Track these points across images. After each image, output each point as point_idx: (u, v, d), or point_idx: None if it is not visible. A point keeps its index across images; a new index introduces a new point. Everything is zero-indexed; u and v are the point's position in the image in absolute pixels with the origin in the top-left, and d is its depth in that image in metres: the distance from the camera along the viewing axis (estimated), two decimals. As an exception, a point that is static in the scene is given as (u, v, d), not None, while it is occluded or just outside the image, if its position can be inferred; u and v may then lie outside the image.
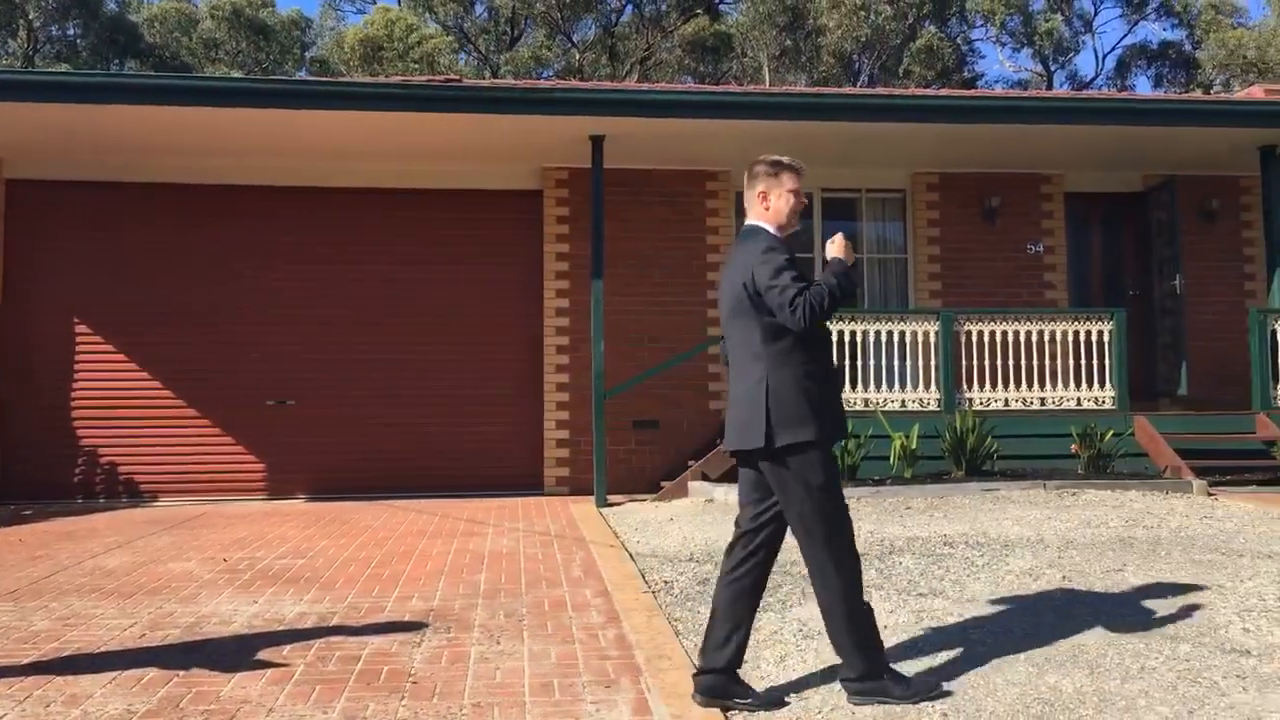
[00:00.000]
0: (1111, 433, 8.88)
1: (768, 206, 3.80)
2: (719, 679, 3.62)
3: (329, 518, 8.43)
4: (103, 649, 4.34)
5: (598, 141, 9.46)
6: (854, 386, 9.41)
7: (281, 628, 4.67)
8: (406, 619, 4.81)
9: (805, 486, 3.59)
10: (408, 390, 10.35)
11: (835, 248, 3.76)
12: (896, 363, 9.46)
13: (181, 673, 3.98)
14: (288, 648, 4.32)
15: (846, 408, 9.27)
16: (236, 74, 28.19)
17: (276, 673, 3.98)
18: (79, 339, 10.14)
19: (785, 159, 3.85)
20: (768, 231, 3.78)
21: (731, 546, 3.79)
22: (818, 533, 3.61)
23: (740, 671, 3.69)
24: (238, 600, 5.23)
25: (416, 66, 27.60)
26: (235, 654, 4.24)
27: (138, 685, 3.83)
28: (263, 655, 4.21)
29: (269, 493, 10.12)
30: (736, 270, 3.75)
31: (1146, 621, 4.35)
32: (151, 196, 10.26)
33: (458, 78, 14.63)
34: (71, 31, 30.98)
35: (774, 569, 5.59)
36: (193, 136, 9.52)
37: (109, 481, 10.02)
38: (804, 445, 3.57)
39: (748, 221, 3.87)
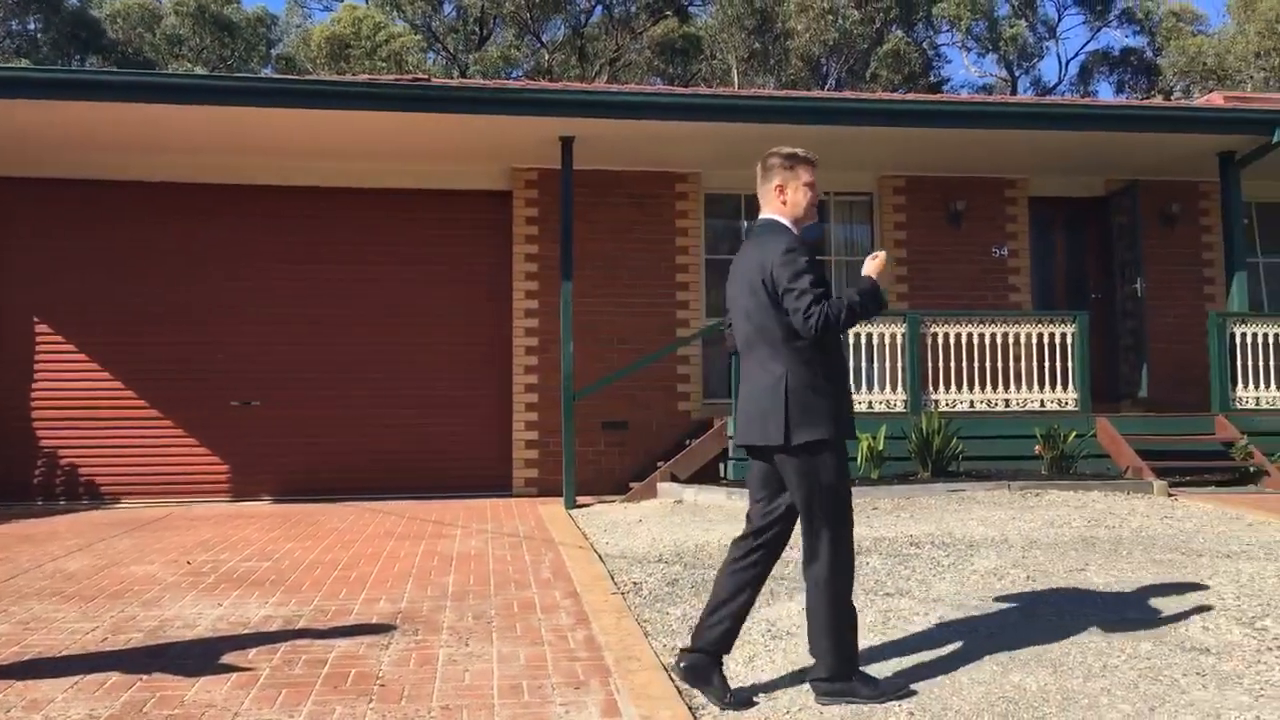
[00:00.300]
0: (1074, 434, 9.00)
1: (785, 200, 3.81)
2: (702, 659, 3.68)
3: (295, 520, 8.35)
4: (64, 653, 4.27)
5: (567, 142, 9.45)
6: (822, 388, 9.44)
7: (246, 631, 4.62)
8: (374, 621, 4.78)
9: (817, 483, 3.64)
10: (374, 391, 10.28)
11: (872, 265, 3.80)
12: (864, 364, 9.53)
13: (144, 677, 3.93)
14: (253, 651, 4.28)
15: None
16: (200, 71, 27.86)
17: (242, 676, 3.94)
18: (39, 338, 9.98)
19: (801, 151, 3.85)
20: (785, 227, 3.78)
21: (740, 539, 3.83)
22: (822, 529, 3.66)
23: (728, 664, 3.71)
24: (202, 603, 5.17)
25: (384, 65, 27.43)
26: (199, 658, 4.19)
27: (100, 690, 3.78)
28: (227, 659, 4.16)
29: (234, 494, 10.02)
30: (753, 265, 3.74)
31: (1108, 620, 4.42)
32: (114, 195, 10.13)
33: (426, 77, 14.56)
34: (32, 27, 30.49)
35: (742, 570, 5.61)
36: (155, 134, 9.40)
37: (69, 483, 9.87)
38: (820, 444, 3.62)
39: (762, 215, 3.88)
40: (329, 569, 6.08)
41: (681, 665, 3.71)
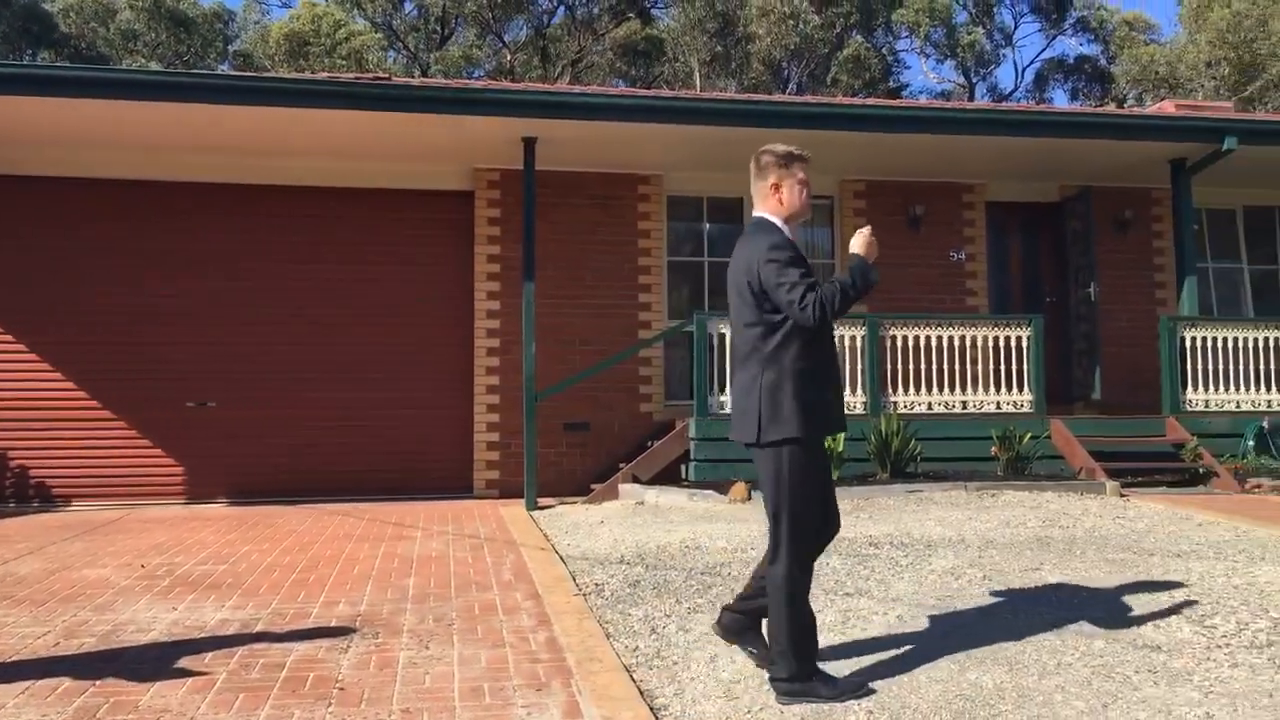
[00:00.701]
0: (1029, 435, 9.13)
1: (781, 199, 3.85)
2: (743, 621, 3.92)
3: (252, 522, 8.26)
4: (14, 658, 4.19)
5: (530, 143, 9.43)
6: (782, 390, 9.50)
7: (203, 635, 4.56)
8: (333, 624, 4.74)
9: (781, 480, 3.69)
10: (333, 392, 10.18)
11: (859, 242, 3.79)
12: (824, 366, 9.58)
13: (98, 682, 3.87)
14: (209, 655, 4.22)
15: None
16: (156, 67, 27.42)
17: (198, 681, 3.89)
18: (-12, 338, 9.79)
19: (795, 149, 3.88)
20: (775, 225, 3.82)
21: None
22: (782, 527, 3.71)
23: (677, 667, 3.72)
24: (156, 607, 5.09)
25: (344, 63, 27.17)
26: (154, 662, 4.13)
27: (52, 695, 3.71)
28: (183, 663, 4.11)
29: (189, 497, 9.88)
30: (740, 266, 3.80)
31: (1063, 619, 4.49)
32: (66, 192, 9.94)
33: (387, 76, 14.44)
34: (-19, 19, 29.84)
35: (707, 571, 5.65)
36: (108, 131, 9.25)
37: (19, 485, 9.68)
38: (786, 442, 3.66)
39: (755, 214, 3.91)
40: (287, 571, 6.01)
41: (719, 624, 3.94)
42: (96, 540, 7.34)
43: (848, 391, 9.59)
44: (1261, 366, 10.17)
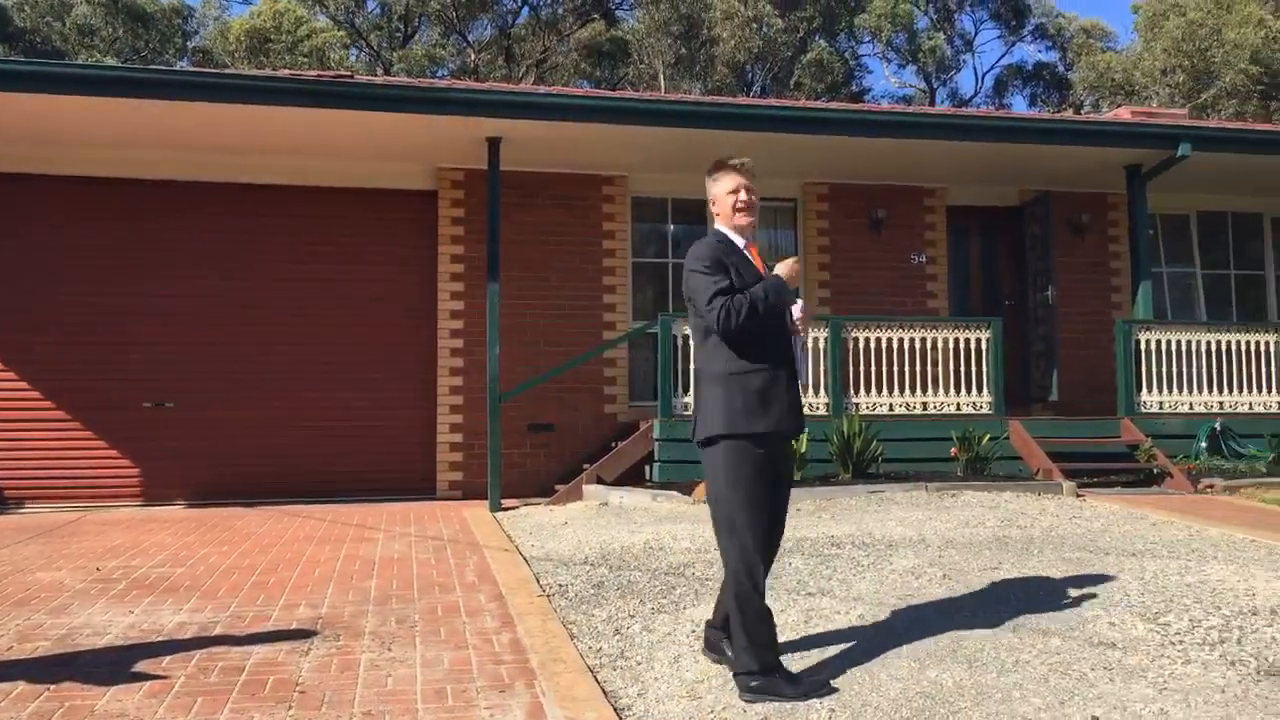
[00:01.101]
0: (988, 436, 9.25)
1: (717, 210, 4.04)
2: (714, 634, 4.02)
3: (210, 524, 8.15)
4: (-35, 664, 4.11)
5: (494, 143, 9.40)
6: (746, 391, 9.56)
7: (160, 638, 4.50)
8: (294, 627, 4.69)
9: (714, 478, 3.80)
10: (295, 392, 10.09)
11: (783, 267, 3.91)
12: (787, 368, 9.64)
13: (53, 686, 3.80)
14: (167, 659, 4.17)
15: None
16: (112, 62, 27.00)
17: (155, 684, 3.84)
18: (-62, 337, 9.58)
19: (725, 159, 4.05)
20: (718, 232, 4.00)
21: None
22: (720, 525, 3.79)
23: (640, 668, 3.72)
24: (112, 610, 5.02)
25: (306, 61, 26.92)
26: (111, 666, 4.07)
27: (6, 700, 3.65)
28: (140, 667, 4.05)
29: (146, 498, 9.73)
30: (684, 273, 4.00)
31: (1021, 617, 4.55)
32: (18, 189, 9.75)
33: (350, 74, 14.32)
34: (-69, 11, 29.21)
35: (671, 572, 5.66)
36: (64, 127, 9.09)
37: (-30, 487, 9.49)
38: (717, 439, 3.75)
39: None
40: (246, 574, 5.95)
41: (706, 639, 4.07)
42: (51, 543, 7.21)
43: (810, 393, 9.66)
44: (1214, 369, 10.38)
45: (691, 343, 4.09)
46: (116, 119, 8.90)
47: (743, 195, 3.97)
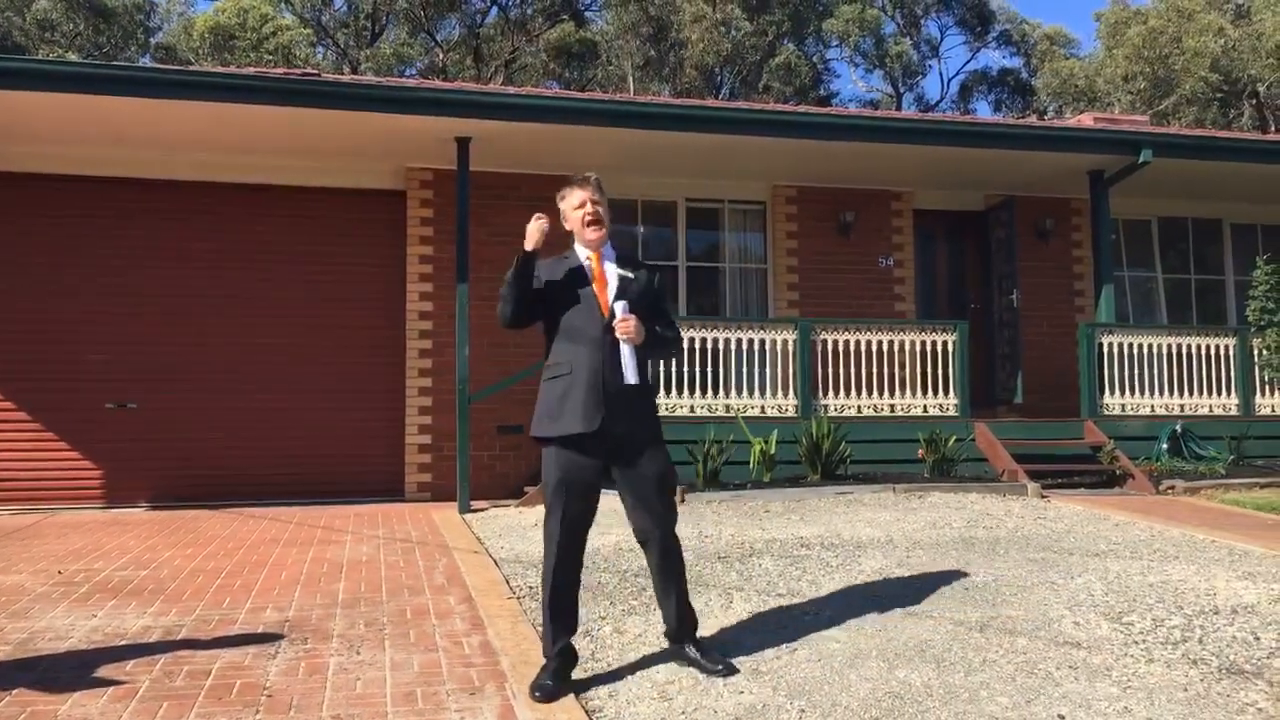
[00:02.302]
0: (954, 438, 9.33)
1: (570, 227, 4.25)
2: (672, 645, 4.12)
3: (174, 526, 8.05)
4: (-78, 670, 4.03)
5: (463, 143, 9.37)
6: (716, 393, 9.60)
7: (124, 642, 4.44)
8: (260, 631, 4.64)
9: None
10: (260, 394, 9.97)
11: (531, 227, 4.11)
12: (757, 370, 9.70)
13: (13, 691, 3.74)
14: (131, 663, 4.11)
15: (709, 413, 9.48)
16: (73, 58, 26.59)
17: (119, 690, 3.78)
18: (-108, 336, 9.39)
19: (571, 177, 4.25)
20: (572, 249, 4.22)
21: None
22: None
23: (611, 669, 3.73)
24: (74, 614, 4.94)
25: (271, 58, 26.67)
26: (73, 671, 4.01)
27: (-37, 707, 3.58)
28: (103, 672, 3.99)
29: (108, 500, 9.59)
30: None
31: (987, 617, 4.60)
32: (-21, 184, 9.59)
33: (316, 72, 14.21)
34: (-113, 4, 28.63)
35: (641, 573, 5.66)
36: (23, 124, 8.94)
37: (-75, 490, 9.30)
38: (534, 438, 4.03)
39: None
40: (212, 577, 5.88)
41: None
42: (10, 546, 7.08)
43: (780, 394, 9.70)
44: (1174, 372, 10.54)
45: None
46: (76, 116, 8.76)
47: (589, 209, 4.11)
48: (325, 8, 31.11)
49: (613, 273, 4.09)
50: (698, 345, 9.54)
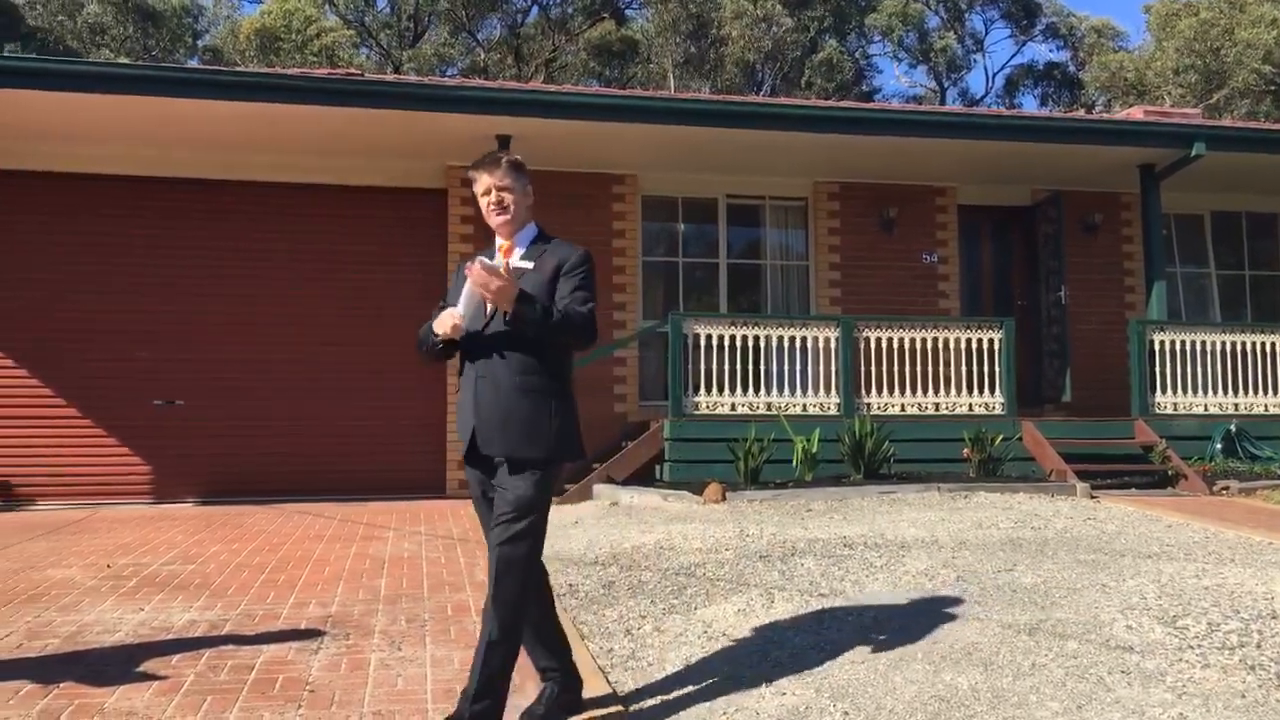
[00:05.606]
0: (1001, 437, 9.19)
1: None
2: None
3: (220, 522, 8.14)
4: (-26, 661, 4.10)
5: (504, 141, 9.38)
6: (757, 391, 9.53)
7: (170, 636, 4.48)
8: (303, 626, 4.67)
9: None
10: (304, 391, 10.07)
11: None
12: (798, 368, 9.62)
13: (62, 684, 3.79)
14: (176, 657, 4.15)
15: (750, 411, 9.42)
16: (123, 60, 27.06)
17: (164, 683, 3.82)
18: (-51, 334, 9.60)
19: (481, 158, 3.61)
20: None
21: None
22: None
23: (652, 669, 3.66)
24: (122, 608, 5.00)
25: (316, 60, 26.95)
26: (120, 664, 4.05)
27: (15, 698, 3.63)
28: (149, 665, 4.03)
29: (156, 496, 9.73)
30: None
31: (1036, 620, 4.51)
32: (32, 189, 9.77)
33: (359, 72, 14.32)
34: (-56, 11, 29.32)
35: (682, 572, 5.63)
36: (77, 125, 9.10)
37: (-19, 484, 9.50)
38: None
39: None
40: (256, 572, 5.93)
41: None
42: (61, 540, 7.21)
43: (822, 392, 9.62)
44: (1228, 370, 10.30)
45: None
46: (125, 115, 8.90)
47: (493, 196, 3.53)
48: (368, 9, 31.40)
49: (514, 264, 3.53)
50: (738, 343, 9.47)
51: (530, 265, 3.52)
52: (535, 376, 3.44)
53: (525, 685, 3.83)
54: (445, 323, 3.51)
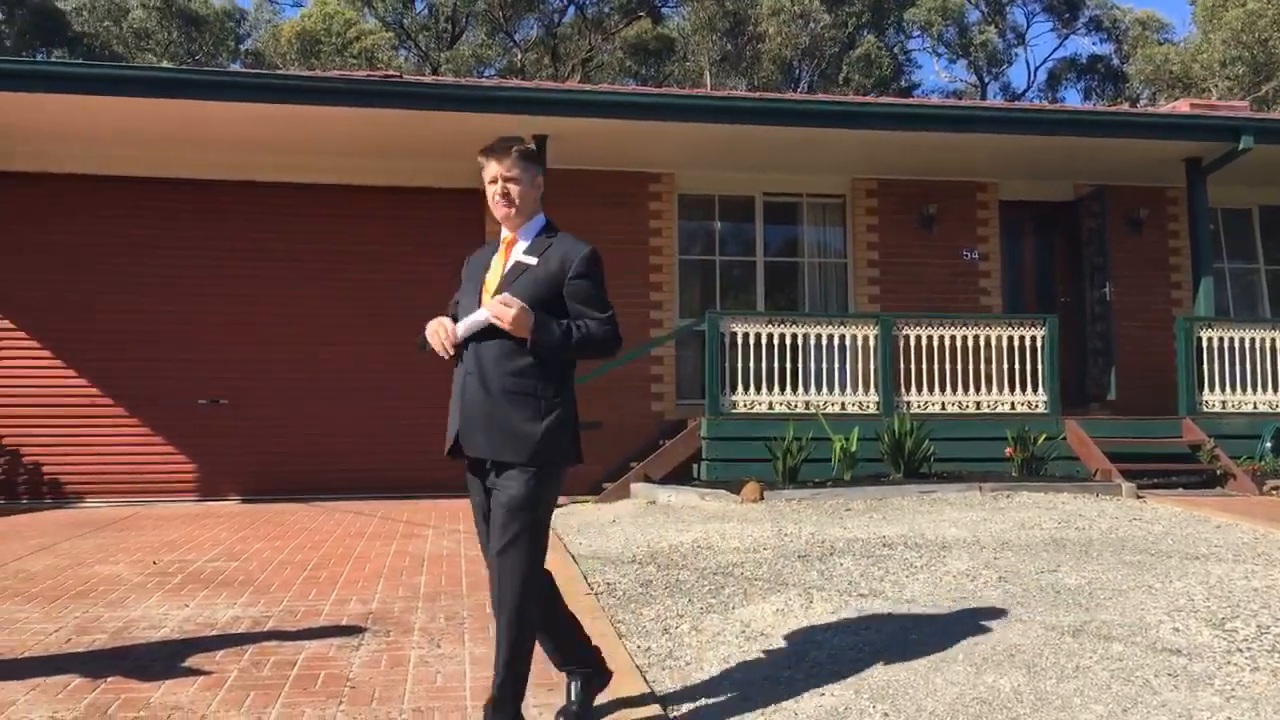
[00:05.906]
0: (1044, 436, 9.06)
1: None
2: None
3: (263, 520, 8.25)
4: (25, 654, 4.18)
5: (541, 141, 9.41)
6: (795, 389, 9.48)
7: (214, 632, 4.55)
8: (344, 622, 4.72)
9: None
10: (345, 390, 10.17)
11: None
12: (837, 366, 9.56)
13: (109, 679, 3.85)
14: (220, 653, 4.21)
15: (789, 410, 9.37)
16: (167, 65, 27.50)
17: (208, 679, 3.87)
18: (0, 334, 9.80)
19: (491, 143, 3.47)
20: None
21: None
22: None
23: (690, 668, 3.65)
24: (168, 604, 5.08)
25: (355, 62, 27.23)
26: (165, 659, 4.12)
27: (63, 692, 3.70)
28: (194, 661, 4.09)
29: (201, 494, 9.88)
30: None
31: (1080, 622, 4.44)
32: (84, 189, 9.95)
33: (397, 74, 14.43)
34: (-4, 18, 29.98)
35: (720, 571, 5.62)
36: (123, 128, 9.26)
37: (32, 482, 9.70)
38: None
39: None
40: (298, 569, 6.00)
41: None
42: (109, 537, 7.34)
43: (860, 391, 9.55)
44: (1278, 368, 10.08)
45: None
46: (165, 119, 9.04)
47: (498, 187, 3.38)
48: (406, 11, 31.65)
49: (515, 259, 3.40)
50: (776, 341, 9.43)
51: (534, 260, 3.38)
52: (527, 379, 3.32)
53: (559, 685, 3.84)
54: (436, 339, 3.47)
